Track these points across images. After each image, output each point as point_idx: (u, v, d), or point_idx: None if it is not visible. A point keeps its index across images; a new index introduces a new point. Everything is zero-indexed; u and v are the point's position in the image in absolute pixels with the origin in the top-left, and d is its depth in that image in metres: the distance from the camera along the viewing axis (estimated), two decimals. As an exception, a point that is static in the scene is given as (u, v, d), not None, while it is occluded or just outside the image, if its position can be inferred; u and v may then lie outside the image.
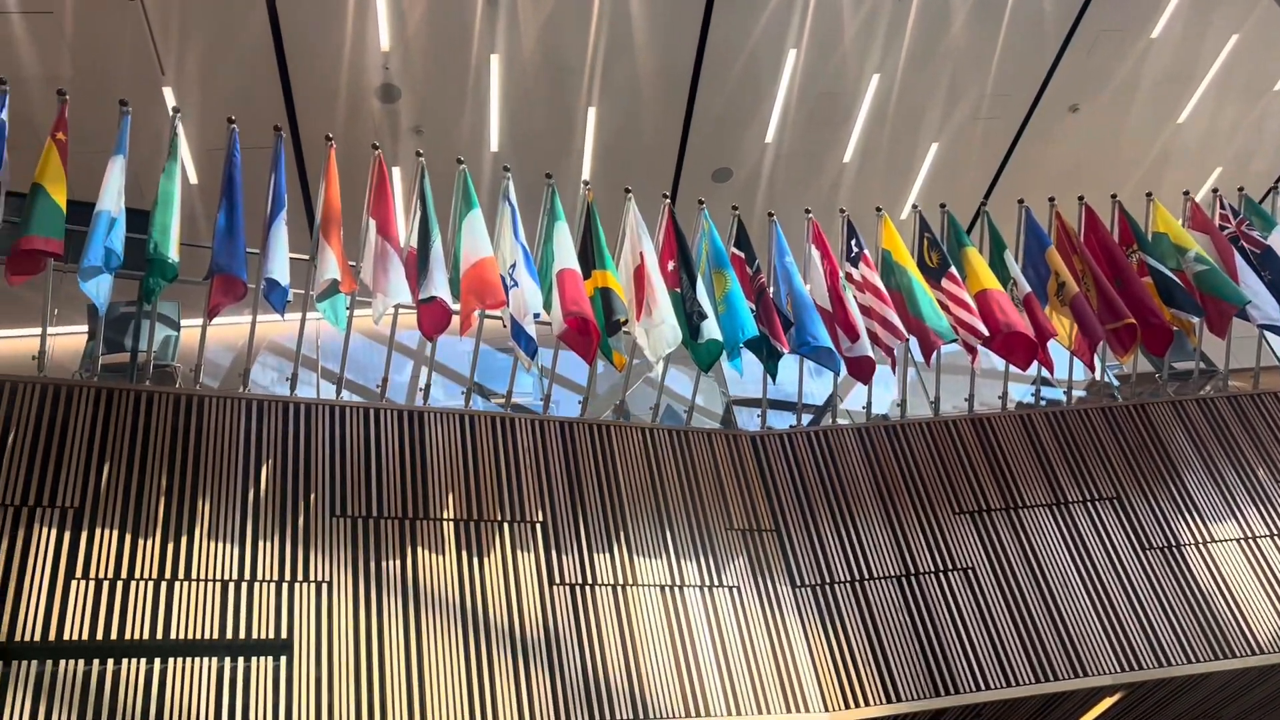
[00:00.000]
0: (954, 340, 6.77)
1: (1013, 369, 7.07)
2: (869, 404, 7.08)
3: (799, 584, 6.00)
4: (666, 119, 10.82)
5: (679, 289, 6.54)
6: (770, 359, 6.65)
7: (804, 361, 6.95)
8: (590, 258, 6.55)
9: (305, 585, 5.08)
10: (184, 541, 5.02)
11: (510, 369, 6.58)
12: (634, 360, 6.65)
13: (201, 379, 5.94)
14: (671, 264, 6.71)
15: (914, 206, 7.80)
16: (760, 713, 5.38)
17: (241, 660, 4.74)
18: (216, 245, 5.72)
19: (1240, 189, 8.32)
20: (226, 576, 4.97)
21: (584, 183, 7.14)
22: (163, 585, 4.84)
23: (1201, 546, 6.35)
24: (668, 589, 5.73)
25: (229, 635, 4.79)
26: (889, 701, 5.59)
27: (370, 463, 5.68)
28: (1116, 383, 7.95)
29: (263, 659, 4.78)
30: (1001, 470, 6.65)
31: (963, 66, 10.87)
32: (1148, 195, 7.93)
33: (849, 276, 7.14)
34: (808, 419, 7.18)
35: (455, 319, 6.00)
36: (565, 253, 6.41)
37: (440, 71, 9.73)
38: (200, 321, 5.88)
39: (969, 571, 6.13)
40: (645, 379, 7.47)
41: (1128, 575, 6.17)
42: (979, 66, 10.90)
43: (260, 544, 5.15)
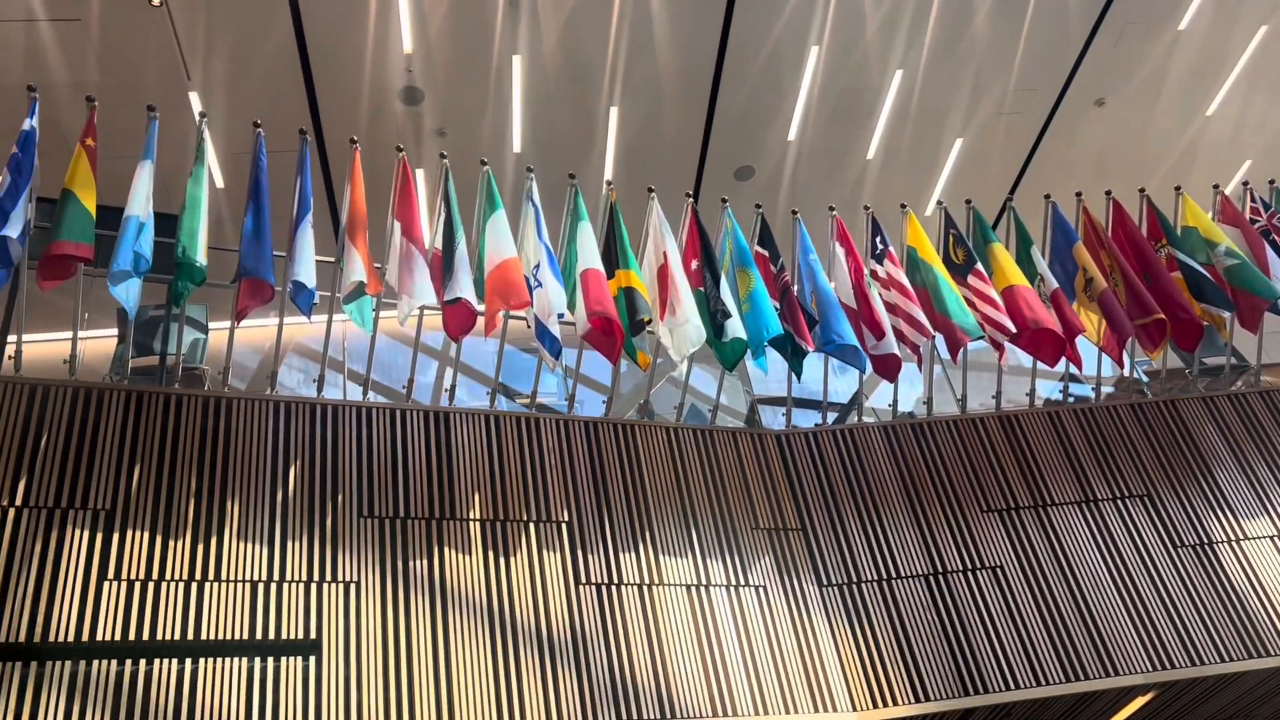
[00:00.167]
0: (981, 337, 6.72)
1: (1040, 366, 7.01)
2: (895, 402, 7.05)
3: (825, 583, 5.98)
4: (688, 118, 10.81)
5: (703, 288, 6.53)
6: (795, 357, 6.63)
7: (829, 360, 6.93)
8: (614, 257, 6.55)
9: (334, 585, 5.11)
10: (214, 542, 5.07)
11: (535, 369, 6.59)
12: (658, 360, 6.65)
13: (230, 381, 5.99)
14: (695, 263, 6.70)
15: (939, 203, 7.75)
16: (787, 712, 5.36)
17: (271, 660, 4.78)
18: (243, 248, 5.77)
19: (1271, 181, 8.21)
20: (256, 577, 5.01)
21: (607, 182, 7.14)
22: (193, 586, 4.89)
23: (1234, 544, 6.28)
24: (693, 588, 5.72)
25: (258, 635, 4.83)
26: (917, 701, 5.56)
27: (397, 463, 5.71)
28: (1146, 379, 7.87)
29: (292, 659, 4.81)
30: (1030, 468, 6.60)
31: (986, 61, 10.79)
32: (1176, 189, 7.85)
33: (874, 274, 7.10)
34: (833, 417, 7.15)
35: (480, 320, 6.02)
36: (589, 253, 6.41)
37: (463, 73, 9.76)
38: (228, 324, 5.93)
39: (997, 570, 6.09)
40: (669, 378, 7.46)
41: (1159, 573, 6.11)
42: (1003, 61, 10.82)
43: (289, 545, 5.19)
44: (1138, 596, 5.99)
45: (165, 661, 4.63)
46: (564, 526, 5.76)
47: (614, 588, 5.58)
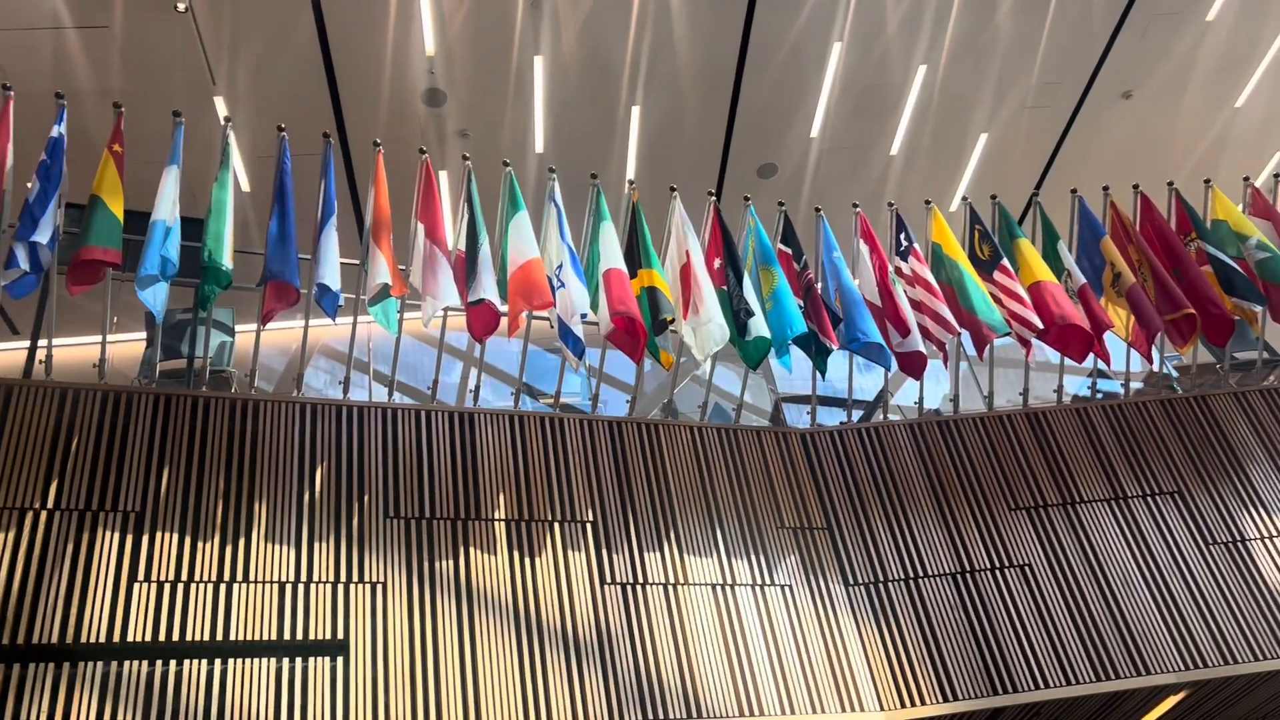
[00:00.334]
0: (1007, 334, 6.67)
1: (1068, 362, 6.95)
2: (920, 399, 7.00)
3: (852, 582, 5.95)
4: (710, 116, 10.78)
5: (725, 287, 6.52)
6: (819, 355, 6.60)
7: (853, 357, 6.89)
8: (636, 257, 6.55)
9: (361, 586, 5.14)
10: (242, 544, 5.11)
11: (558, 369, 6.60)
12: (681, 359, 6.64)
13: (256, 383, 6.03)
14: (718, 261, 6.69)
15: (964, 199, 7.70)
16: (814, 712, 5.34)
17: (299, 660, 4.81)
18: (269, 252, 5.81)
19: (1302, 173, 8.10)
20: (284, 578, 5.05)
21: (629, 182, 7.14)
22: (221, 587, 4.93)
23: (1267, 540, 6.19)
24: (719, 588, 5.71)
25: (287, 636, 4.86)
26: (945, 700, 5.52)
27: (422, 464, 5.74)
28: (1176, 374, 7.79)
29: (320, 659, 4.84)
30: (1058, 465, 6.54)
31: (1010, 55, 10.69)
32: (1206, 182, 7.76)
33: (898, 271, 7.06)
34: (858, 415, 7.12)
35: (503, 320, 6.03)
36: (611, 252, 6.41)
37: (484, 75, 9.78)
38: (254, 327, 5.98)
39: (1026, 568, 6.04)
40: (693, 377, 7.45)
41: (1190, 571, 6.04)
42: (1028, 54, 10.71)
43: (316, 546, 5.22)
44: (1169, 594, 5.93)
45: (195, 662, 4.67)
46: (589, 526, 5.76)
47: (639, 587, 5.58)
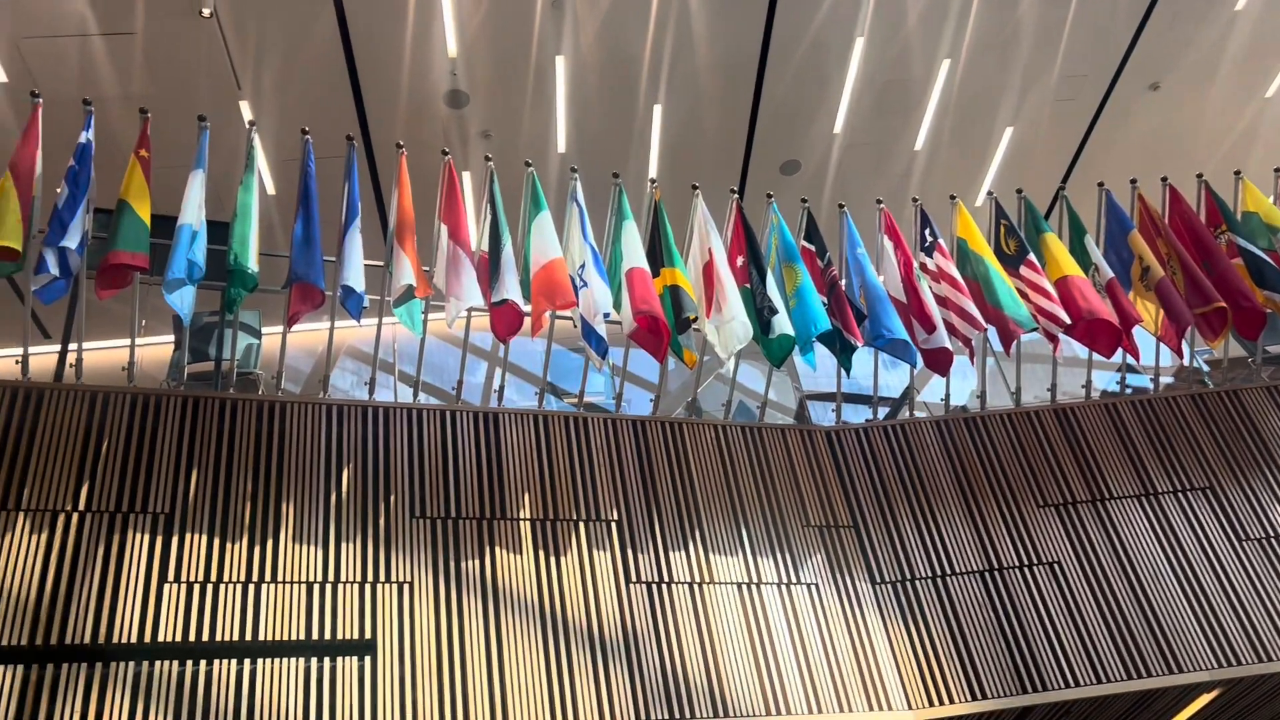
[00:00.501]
0: (1034, 329, 6.61)
1: (1096, 357, 6.88)
2: (947, 396, 6.95)
3: (879, 580, 5.92)
4: (732, 113, 10.75)
5: (749, 284, 6.50)
6: (844, 353, 6.57)
7: (878, 354, 6.85)
8: (659, 256, 6.55)
9: (387, 586, 5.16)
10: (270, 545, 5.15)
11: (582, 369, 6.61)
12: (705, 357, 6.63)
13: (283, 385, 6.08)
14: (741, 259, 6.67)
15: (989, 193, 7.63)
16: (842, 711, 5.32)
17: (327, 660, 4.84)
18: (294, 254, 5.85)
19: (1335, 163, 7.97)
20: (311, 578, 5.08)
21: (651, 180, 7.13)
22: (250, 588, 4.97)
23: (1302, 537, 6.11)
24: (745, 587, 5.69)
25: (315, 636, 4.90)
26: (974, 699, 5.48)
27: (448, 464, 5.76)
28: (1206, 368, 7.69)
29: (348, 659, 4.87)
30: (1087, 461, 6.48)
31: (1036, 48, 10.59)
32: (1236, 173, 7.66)
33: (923, 267, 7.01)
34: (884, 412, 7.08)
35: (527, 320, 6.05)
36: (634, 251, 6.41)
37: (506, 75, 9.80)
38: (280, 329, 6.02)
39: (1055, 566, 5.98)
40: (717, 375, 7.43)
41: (1223, 567, 5.97)
42: (1052, 47, 10.61)
43: (343, 546, 5.25)
44: (1201, 591, 5.86)
45: (225, 662, 4.71)
46: (614, 525, 5.77)
47: (664, 586, 5.57)
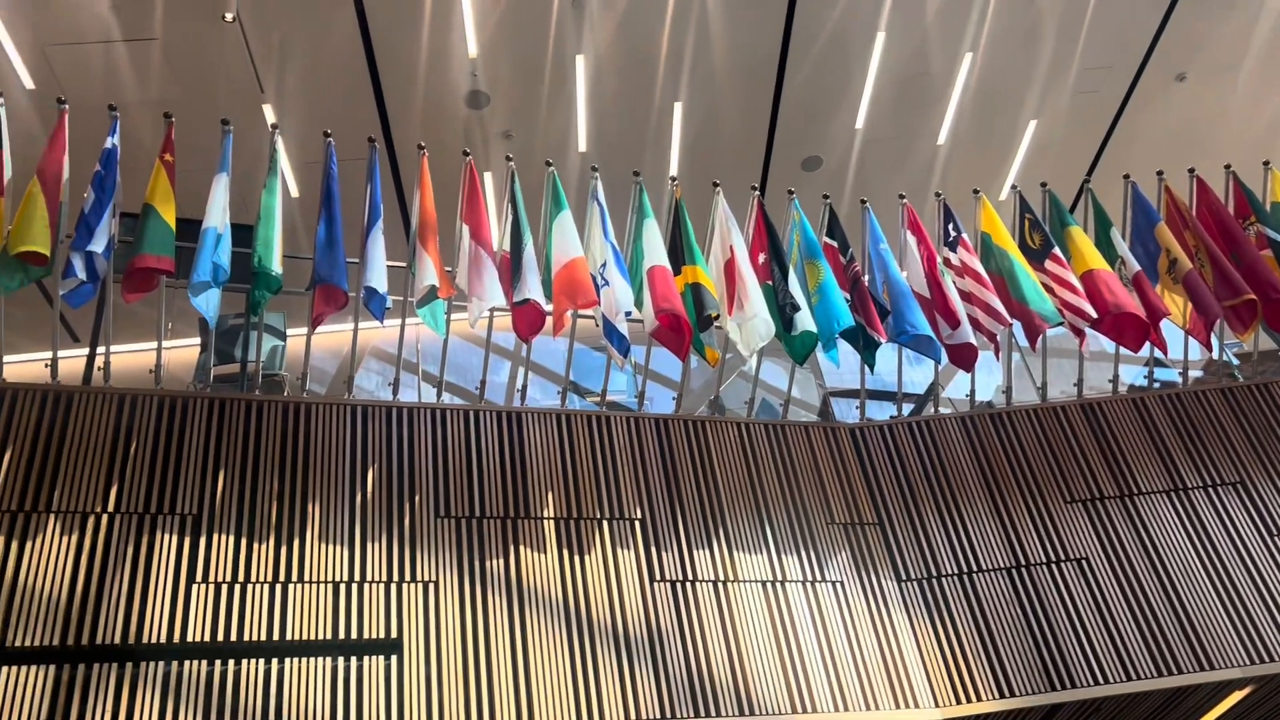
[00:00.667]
0: (1060, 323, 6.56)
1: (1124, 351, 6.81)
2: (972, 391, 6.90)
3: (904, 578, 5.89)
4: (753, 110, 10.71)
5: (771, 281, 6.48)
6: (867, 349, 6.54)
7: (903, 350, 6.81)
8: (680, 253, 6.54)
9: (413, 585, 5.19)
10: (296, 545, 5.18)
11: (604, 367, 6.61)
12: (727, 355, 6.61)
13: (308, 386, 6.12)
14: (762, 256, 6.65)
15: (1013, 187, 7.57)
16: (868, 708, 5.30)
17: (354, 659, 4.87)
18: (317, 256, 5.88)
19: (1366, 153, 7.85)
20: (338, 578, 5.11)
21: (671, 178, 7.12)
22: (277, 588, 5.01)
23: (1335, 531, 6.03)
24: (769, 584, 5.68)
25: (341, 635, 4.93)
26: (1001, 697, 5.44)
27: (472, 463, 5.78)
28: (1236, 362, 7.60)
29: (374, 658, 4.90)
30: (1115, 456, 6.41)
31: (1058, 39, 10.49)
32: (1265, 164, 7.56)
33: (947, 262, 6.96)
34: (908, 409, 7.04)
35: (549, 320, 6.05)
36: (655, 250, 6.41)
37: (526, 75, 9.82)
38: (305, 331, 6.05)
39: (1083, 562, 5.93)
40: (740, 373, 7.42)
41: (1254, 562, 5.89)
42: (1076, 38, 10.50)
43: (369, 546, 5.28)
44: (1232, 587, 5.79)
45: (253, 661, 4.75)
46: (637, 524, 5.76)
47: (689, 584, 5.57)
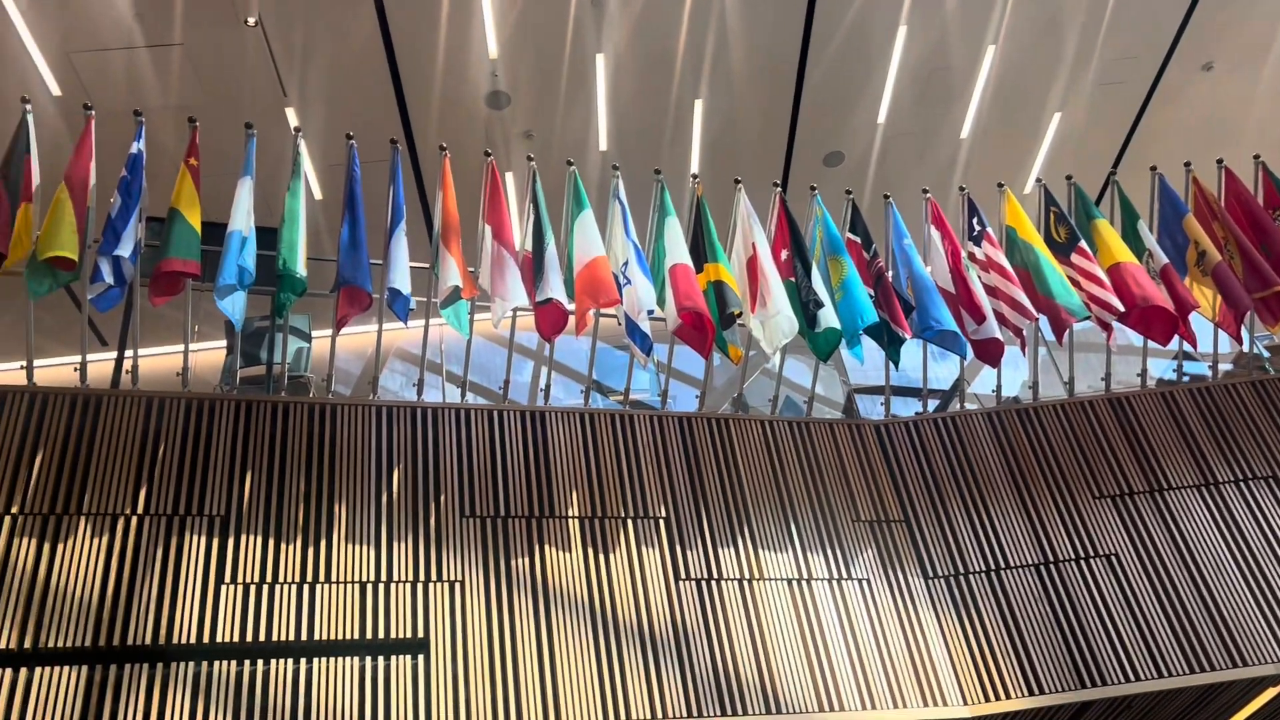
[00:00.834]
0: (1087, 317, 6.50)
1: (1152, 344, 6.74)
2: (998, 387, 6.85)
3: (931, 575, 5.85)
4: (774, 106, 10.68)
5: (793, 278, 6.45)
6: (892, 345, 6.50)
7: (927, 346, 6.77)
8: (702, 251, 6.53)
9: (439, 585, 5.21)
10: (323, 545, 5.21)
11: (627, 366, 6.61)
12: (751, 352, 6.59)
13: (333, 387, 6.15)
14: (785, 253, 6.62)
15: (1038, 180, 7.50)
16: (896, 707, 5.27)
17: (381, 659, 4.89)
18: (341, 258, 5.91)
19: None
20: (364, 578, 5.14)
21: (692, 176, 7.10)
22: (305, 588, 5.04)
23: (1371, 526, 5.94)
24: (795, 583, 5.66)
25: (369, 635, 4.95)
26: (1031, 694, 5.40)
27: (496, 463, 5.79)
28: (1267, 354, 7.50)
29: (401, 657, 4.92)
30: (1144, 451, 6.35)
31: (1082, 30, 10.38)
32: (1295, 153, 7.46)
33: (972, 256, 6.91)
34: (934, 405, 6.99)
35: (572, 319, 6.06)
36: (677, 248, 6.40)
37: (546, 75, 9.83)
38: (330, 332, 6.09)
39: (1113, 558, 5.87)
40: (763, 371, 7.40)
41: (1288, 558, 5.82)
42: (1100, 28, 10.40)
43: (395, 545, 5.30)
44: (1265, 582, 5.71)
45: (281, 661, 4.78)
46: (662, 522, 5.76)
47: (714, 583, 5.56)
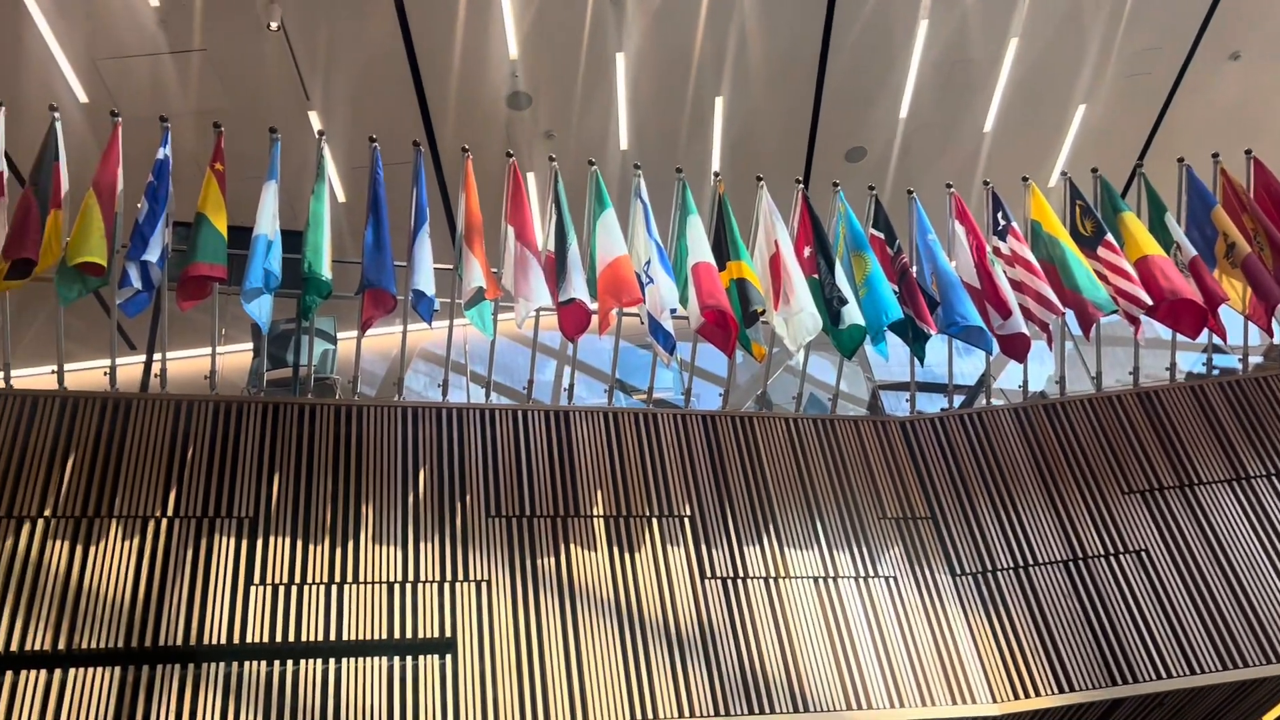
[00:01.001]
0: (1114, 311, 6.44)
1: (1180, 338, 6.67)
2: (1025, 382, 6.80)
3: (959, 572, 5.82)
4: (795, 102, 10.64)
5: (817, 275, 6.43)
6: (916, 341, 6.47)
7: (953, 341, 6.73)
8: (724, 249, 6.52)
9: (465, 585, 5.23)
10: (351, 546, 5.25)
11: (650, 365, 6.61)
12: (774, 350, 6.58)
13: (359, 389, 6.19)
14: (808, 250, 6.60)
15: (1063, 173, 7.44)
16: (924, 705, 5.24)
17: (409, 659, 4.92)
18: (366, 261, 5.95)
19: None
20: (392, 578, 5.17)
21: (714, 174, 7.09)
22: (333, 588, 5.07)
23: (1407, 520, 5.85)
24: (821, 580, 5.64)
25: (396, 635, 4.98)
26: (1061, 692, 5.36)
27: (521, 463, 5.81)
28: (1299, 347, 7.40)
29: (429, 657, 4.95)
30: (1173, 446, 6.28)
31: (1106, 21, 10.28)
32: (1325, 142, 7.35)
33: (997, 251, 6.86)
34: (960, 401, 6.95)
35: (595, 318, 6.06)
36: (699, 246, 6.39)
37: (566, 75, 9.84)
38: (355, 334, 6.13)
39: (1142, 554, 5.82)
40: (787, 368, 7.38)
41: (1322, 553, 5.74)
42: (1124, 19, 10.30)
43: (422, 546, 5.33)
44: (1299, 578, 5.65)
45: (311, 661, 4.82)
46: (687, 521, 5.76)
47: (740, 581, 5.55)
